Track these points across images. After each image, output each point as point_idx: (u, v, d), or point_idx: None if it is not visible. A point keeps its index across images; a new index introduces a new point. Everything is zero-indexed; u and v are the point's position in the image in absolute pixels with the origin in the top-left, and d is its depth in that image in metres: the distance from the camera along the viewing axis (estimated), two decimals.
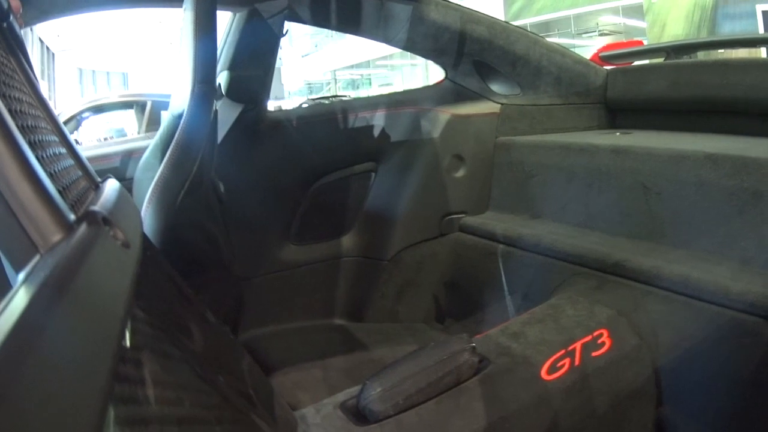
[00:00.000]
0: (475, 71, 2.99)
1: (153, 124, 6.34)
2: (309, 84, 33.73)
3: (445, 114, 2.90)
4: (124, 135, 7.39)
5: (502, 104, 3.00)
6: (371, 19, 2.84)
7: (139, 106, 6.91)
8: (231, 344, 1.74)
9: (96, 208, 0.85)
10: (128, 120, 7.40)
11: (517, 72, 2.96)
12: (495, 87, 3.05)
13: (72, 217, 0.72)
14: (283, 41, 2.74)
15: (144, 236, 1.16)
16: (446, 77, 3.09)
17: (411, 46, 2.93)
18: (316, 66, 32.31)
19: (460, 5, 2.87)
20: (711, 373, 1.89)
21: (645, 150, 2.30)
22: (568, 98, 3.09)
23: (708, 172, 2.07)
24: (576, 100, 3.10)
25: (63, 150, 1.06)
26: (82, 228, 0.72)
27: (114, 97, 7.87)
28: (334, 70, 31.98)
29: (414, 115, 2.92)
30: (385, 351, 2.61)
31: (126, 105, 7.26)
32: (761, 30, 14.27)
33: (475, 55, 2.90)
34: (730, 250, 1.98)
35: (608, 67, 3.27)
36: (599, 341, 1.93)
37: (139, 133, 6.74)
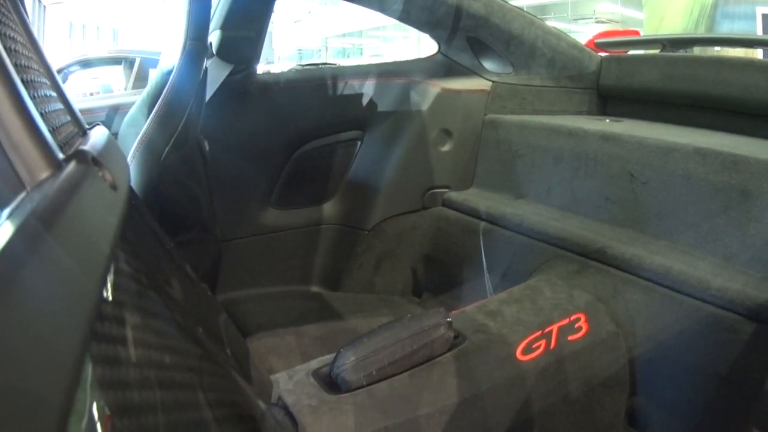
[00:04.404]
0: (468, 47, 2.97)
1: (140, 81, 6.30)
2: (300, 50, 33.62)
3: (435, 87, 2.88)
4: (110, 91, 7.32)
5: (493, 82, 2.98)
6: None
7: (127, 62, 6.86)
8: (211, 301, 1.74)
9: (86, 148, 0.84)
10: (116, 76, 7.32)
11: (511, 51, 2.94)
12: (487, 64, 3.03)
13: (61, 155, 0.71)
14: (277, 5, 2.72)
15: (129, 185, 1.15)
16: (439, 51, 3.07)
17: (406, 17, 2.89)
18: (309, 33, 32.19)
19: None
20: (686, 367, 1.89)
21: (634, 139, 2.30)
22: (560, 81, 3.07)
23: (696, 166, 2.06)
24: (568, 84, 3.09)
25: (53, 93, 1.05)
26: (71, 166, 0.71)
27: (103, 52, 7.80)
28: (326, 38, 31.89)
29: (404, 86, 2.90)
30: (361, 321, 2.61)
31: (114, 61, 7.20)
32: (760, 32, 14.29)
33: (470, 31, 2.88)
34: (714, 246, 1.98)
35: (603, 54, 3.26)
36: (576, 325, 1.93)
37: (126, 89, 6.70)
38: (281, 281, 2.96)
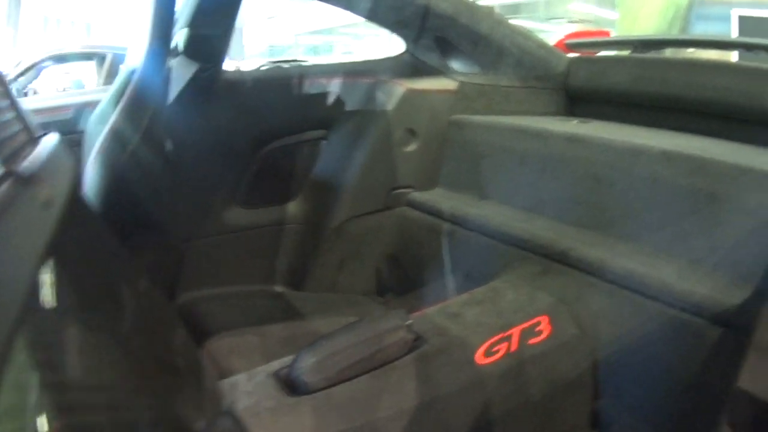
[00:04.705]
0: (435, 47, 2.96)
1: (112, 77, 6.23)
2: (271, 47, 33.50)
3: (401, 87, 2.86)
4: (82, 87, 7.28)
5: (460, 82, 2.96)
6: None
7: (99, 57, 6.82)
8: (163, 311, 1.72)
9: (21, 166, 0.83)
10: (88, 72, 7.28)
11: (479, 51, 2.94)
12: (454, 64, 3.02)
13: None
14: (249, 2, 2.71)
15: (76, 195, 1.14)
16: (406, 50, 3.06)
17: (373, 16, 2.88)
18: (281, 29, 32.10)
19: None
20: (651, 371, 1.89)
21: (600, 141, 2.29)
22: (528, 82, 3.06)
23: (663, 169, 2.06)
24: (536, 84, 3.08)
25: (4, 102, 1.03)
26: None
27: (76, 48, 7.74)
28: (297, 35, 31.81)
29: (369, 85, 2.89)
30: (324, 321, 2.59)
31: (87, 56, 7.15)
32: (735, 34, 14.36)
33: (438, 31, 2.87)
34: (680, 250, 1.97)
35: (572, 55, 3.26)
36: (538, 328, 1.93)
37: (97, 85, 6.66)
38: (245, 280, 2.94)
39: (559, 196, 2.41)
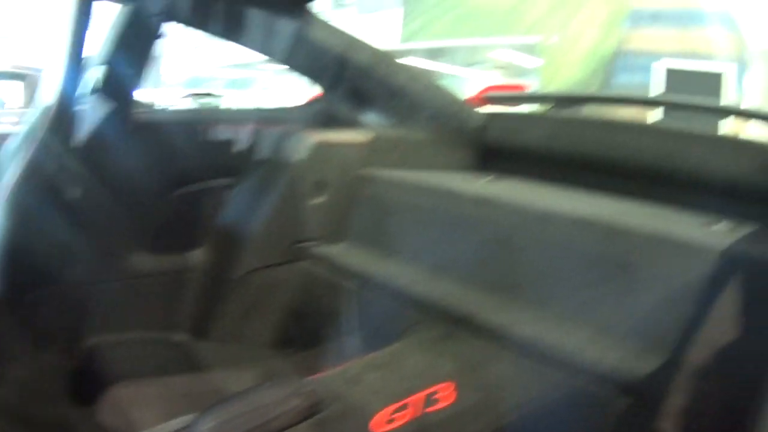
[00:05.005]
0: (350, 98, 2.95)
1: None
2: (192, 78, 33.33)
3: (312, 138, 2.81)
4: (2, 107, 7.18)
5: (372, 134, 2.93)
6: (252, 31, 2.79)
7: (28, 78, 6.74)
8: (50, 371, 1.69)
9: None
10: (14, 92, 7.17)
11: (394, 104, 2.94)
12: (369, 116, 3.02)
13: None
14: (172, 31, 2.69)
15: None
16: (320, 99, 3.05)
17: (290, 63, 2.87)
18: (203, 59, 32.03)
19: (345, 30, 2.85)
20: None
21: (510, 203, 2.29)
22: (442, 136, 3.07)
23: (574, 236, 2.06)
24: (449, 140, 3.08)
25: None
26: None
27: (6, 67, 7.61)
28: (218, 67, 31.76)
29: (281, 134, 2.84)
30: (226, 374, 2.54)
31: (15, 76, 7.06)
32: (658, 86, 14.61)
33: (353, 81, 2.87)
34: (588, 318, 1.96)
35: (488, 109, 3.27)
36: (441, 395, 1.89)
37: (22, 107, 6.58)
38: (150, 327, 2.86)
39: (466, 258, 2.39)
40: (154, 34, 2.61)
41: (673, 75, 14.46)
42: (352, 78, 2.85)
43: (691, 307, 1.77)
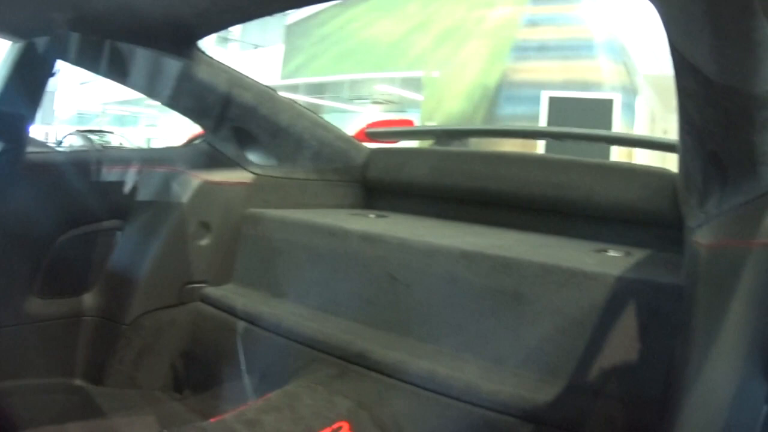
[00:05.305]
0: (234, 137, 2.93)
1: None
2: (80, 114, 32.85)
3: (197, 179, 2.80)
4: None
5: (256, 174, 2.94)
6: (139, 72, 2.74)
7: None
8: None
9: None
10: None
11: (277, 143, 2.94)
12: (252, 156, 2.99)
13: None
14: (65, 65, 2.65)
15: None
16: (205, 139, 3.02)
17: (174, 103, 2.83)
18: (91, 96, 31.57)
19: (231, 68, 2.82)
20: None
21: (396, 240, 2.29)
22: (326, 174, 3.08)
23: (463, 270, 2.07)
24: (333, 177, 3.10)
25: None
26: None
27: None
28: (106, 103, 31.34)
29: (166, 175, 2.81)
30: (122, 419, 2.47)
31: None
32: (543, 116, 14.84)
33: (237, 121, 2.85)
34: (483, 349, 1.98)
35: (371, 146, 3.28)
36: None
37: None
38: (45, 373, 2.77)
39: (354, 296, 2.38)
40: (47, 72, 2.57)
41: (559, 104, 14.73)
42: (236, 117, 2.83)
43: (587, 333, 1.82)
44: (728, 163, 1.53)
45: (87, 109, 32.68)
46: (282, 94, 3.02)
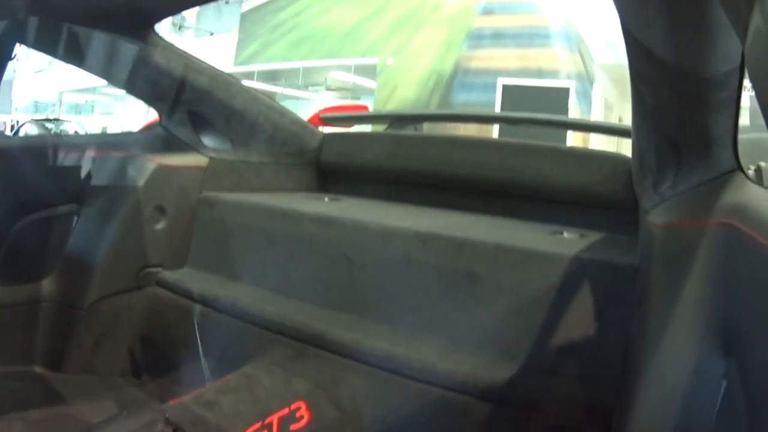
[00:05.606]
0: (189, 121, 2.94)
1: None
2: (36, 102, 32.48)
3: (152, 163, 2.80)
4: None
5: (210, 158, 2.94)
6: (95, 54, 2.73)
7: None
8: None
9: None
10: None
11: (231, 127, 2.94)
12: (206, 140, 3.00)
13: None
14: (21, 52, 2.64)
15: None
16: (160, 123, 3.02)
17: (130, 87, 2.82)
18: (47, 84, 31.19)
19: (186, 52, 2.82)
20: None
21: (351, 222, 2.32)
22: (280, 158, 3.09)
23: (418, 251, 2.09)
24: (287, 161, 3.12)
25: None
26: None
27: None
28: (61, 92, 30.98)
29: (121, 160, 2.81)
30: (82, 405, 2.45)
31: None
32: (498, 103, 14.87)
33: (192, 105, 2.85)
34: (439, 329, 2.00)
35: (326, 130, 3.30)
36: (297, 414, 1.91)
37: None
38: (4, 361, 2.78)
39: (310, 278, 2.40)
40: (5, 56, 2.55)
41: (514, 92, 14.78)
42: (190, 101, 2.82)
43: (543, 313, 1.85)
44: (682, 145, 1.56)
45: (43, 98, 32.31)
46: None
